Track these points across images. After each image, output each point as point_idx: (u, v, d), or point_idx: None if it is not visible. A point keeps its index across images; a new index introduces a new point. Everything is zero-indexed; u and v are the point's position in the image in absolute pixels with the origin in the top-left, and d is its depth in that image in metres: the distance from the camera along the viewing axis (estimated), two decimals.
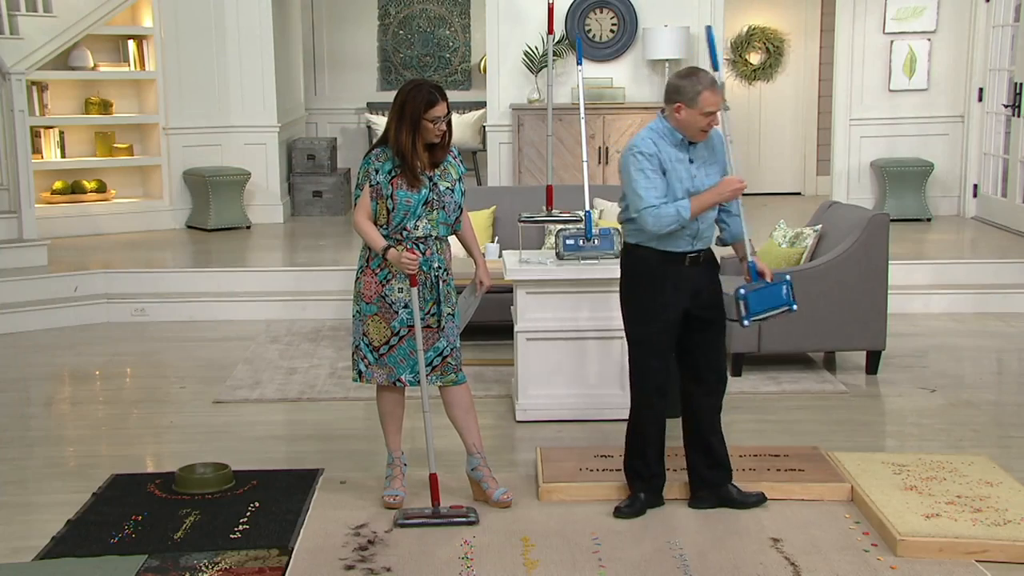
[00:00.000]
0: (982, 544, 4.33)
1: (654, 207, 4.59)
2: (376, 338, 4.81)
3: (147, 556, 4.41)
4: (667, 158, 4.66)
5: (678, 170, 4.66)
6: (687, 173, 4.68)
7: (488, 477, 4.95)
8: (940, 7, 10.73)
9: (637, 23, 10.62)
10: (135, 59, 10.50)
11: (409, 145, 4.62)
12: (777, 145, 12.95)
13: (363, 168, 4.73)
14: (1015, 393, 6.73)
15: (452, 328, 4.88)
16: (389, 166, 4.68)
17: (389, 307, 4.77)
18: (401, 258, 4.61)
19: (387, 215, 4.71)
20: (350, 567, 4.31)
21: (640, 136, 4.71)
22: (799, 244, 6.97)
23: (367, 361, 4.84)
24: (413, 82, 4.71)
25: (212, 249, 9.78)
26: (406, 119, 4.61)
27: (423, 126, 4.62)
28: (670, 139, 4.69)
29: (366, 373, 4.86)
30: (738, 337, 6.66)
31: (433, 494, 4.74)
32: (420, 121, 4.61)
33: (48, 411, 6.59)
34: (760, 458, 5.25)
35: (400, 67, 13.72)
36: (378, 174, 4.69)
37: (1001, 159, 10.41)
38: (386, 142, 4.73)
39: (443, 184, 4.75)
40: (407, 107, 4.61)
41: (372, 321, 4.80)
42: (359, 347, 4.85)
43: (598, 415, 5.91)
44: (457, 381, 4.91)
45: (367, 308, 4.80)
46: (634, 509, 4.79)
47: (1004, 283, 8.51)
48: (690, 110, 4.61)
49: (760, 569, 4.26)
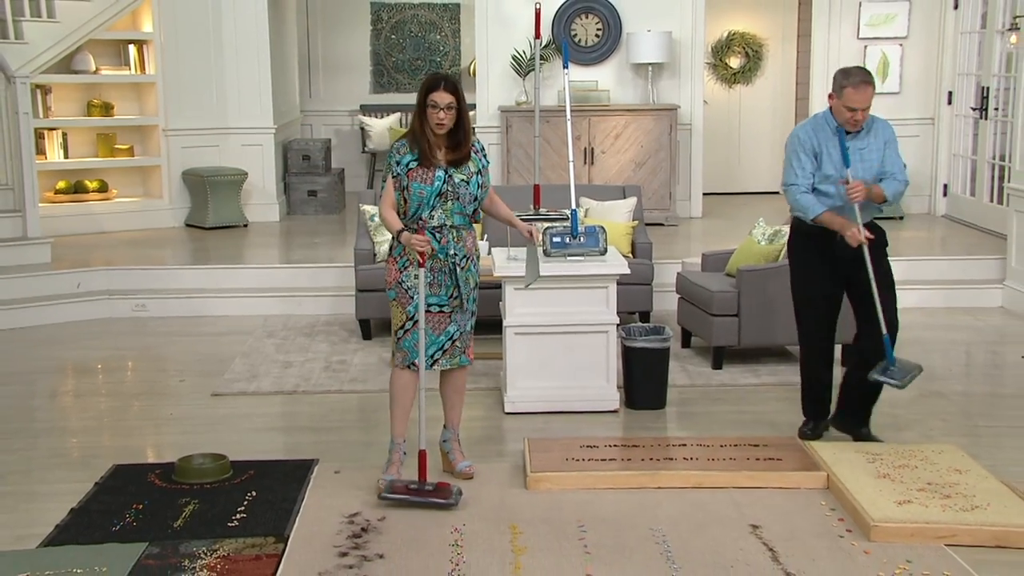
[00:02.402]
0: (951, 529, 4.45)
1: (795, 186, 5.36)
2: (395, 322, 5.03)
3: (147, 543, 4.46)
4: (821, 144, 5.32)
5: (832, 154, 5.29)
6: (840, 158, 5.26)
7: (456, 451, 5.20)
8: (911, 14, 10.92)
9: (621, 28, 10.76)
10: (136, 63, 10.60)
11: (418, 127, 4.86)
12: (756, 146, 13.07)
13: (387, 159, 4.97)
14: (983, 384, 6.87)
15: (467, 314, 5.09)
16: (409, 158, 4.90)
17: (405, 292, 4.97)
18: (412, 239, 4.82)
19: (404, 204, 4.93)
20: (344, 554, 4.37)
21: (803, 123, 5.44)
22: (777, 241, 7.04)
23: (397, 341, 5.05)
24: (431, 73, 4.99)
25: (210, 247, 9.86)
26: (417, 105, 4.89)
27: (427, 111, 4.83)
28: (826, 127, 5.33)
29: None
30: (718, 331, 6.81)
31: (421, 469, 4.88)
32: (425, 107, 4.83)
33: (52, 403, 6.64)
34: (740, 448, 5.35)
35: (392, 70, 13.83)
36: (398, 165, 4.92)
37: (969, 160, 10.58)
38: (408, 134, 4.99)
39: (458, 176, 4.92)
40: (419, 94, 4.89)
41: (393, 306, 5.04)
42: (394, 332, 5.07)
43: (584, 407, 6.00)
44: (461, 363, 5.13)
45: (389, 294, 5.05)
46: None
47: (973, 279, 8.68)
48: (838, 101, 5.25)
49: (740, 555, 4.35)
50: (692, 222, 10.74)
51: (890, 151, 5.36)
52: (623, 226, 7.75)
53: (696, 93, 10.88)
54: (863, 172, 5.30)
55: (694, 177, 10.97)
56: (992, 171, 10.15)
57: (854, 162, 5.31)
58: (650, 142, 10.40)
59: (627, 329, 6.21)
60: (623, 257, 6.03)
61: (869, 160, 5.33)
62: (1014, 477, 5.06)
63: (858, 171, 5.30)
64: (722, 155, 12.88)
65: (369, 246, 7.74)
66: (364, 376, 6.86)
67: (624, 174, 10.31)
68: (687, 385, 6.58)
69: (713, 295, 6.82)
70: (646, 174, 10.36)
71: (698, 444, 5.45)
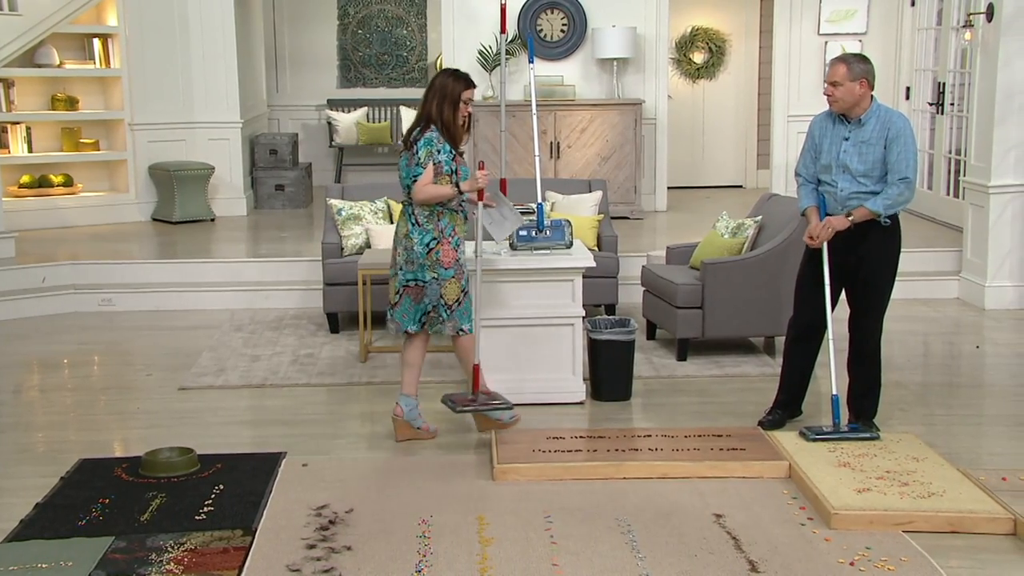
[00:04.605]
0: (908, 516, 4.53)
1: (799, 176, 5.56)
2: (450, 297, 5.41)
3: (114, 538, 4.44)
4: (820, 132, 5.43)
5: (829, 144, 5.36)
6: (837, 148, 5.34)
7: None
8: (870, 10, 11.07)
9: (586, 23, 10.82)
10: (100, 57, 10.55)
11: (452, 120, 5.32)
12: (720, 140, 13.17)
13: (425, 149, 5.31)
14: (940, 375, 6.99)
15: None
16: (448, 147, 5.33)
17: (461, 268, 5.44)
18: (476, 175, 5.34)
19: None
20: (312, 546, 4.38)
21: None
22: (740, 234, 7.12)
23: (442, 319, 5.43)
24: (451, 70, 5.44)
25: (177, 241, 9.83)
26: (448, 99, 5.31)
27: (460, 107, 5.31)
28: (829, 115, 5.43)
29: (441, 329, 5.47)
30: (682, 323, 6.88)
31: (475, 383, 5.45)
32: (458, 102, 5.30)
33: (17, 398, 6.59)
34: (704, 438, 5.41)
35: (359, 65, 13.83)
36: (440, 154, 5.32)
37: (927, 154, 10.68)
38: (428, 124, 5.33)
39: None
40: (448, 89, 5.32)
41: (449, 284, 5.41)
42: (436, 307, 5.42)
43: (550, 399, 6.04)
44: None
45: (445, 273, 5.41)
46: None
47: (930, 271, 8.80)
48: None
49: (704, 543, 4.40)
50: (657, 215, 10.82)
51: (897, 146, 5.23)
52: (589, 220, 7.80)
53: (660, 88, 10.95)
54: (859, 165, 5.29)
55: (659, 171, 11.04)
56: (948, 165, 10.29)
57: (852, 155, 5.31)
58: (615, 136, 10.46)
59: (593, 322, 6.25)
60: (589, 250, 6.06)
61: (867, 154, 5.29)
62: (969, 464, 5.16)
63: (854, 163, 5.29)
64: (686, 149, 12.98)
65: (336, 240, 7.76)
66: (332, 369, 6.88)
67: (590, 168, 10.37)
68: (652, 377, 6.64)
69: (677, 288, 6.89)
70: (611, 168, 10.42)
71: (663, 435, 5.49)
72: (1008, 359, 7.07)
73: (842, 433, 5.36)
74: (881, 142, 5.27)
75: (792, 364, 5.73)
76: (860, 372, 5.54)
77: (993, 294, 8.27)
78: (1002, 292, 8.28)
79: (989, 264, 8.26)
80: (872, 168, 5.29)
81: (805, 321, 5.61)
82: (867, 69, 5.28)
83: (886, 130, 5.27)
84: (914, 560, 4.26)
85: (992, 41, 8.17)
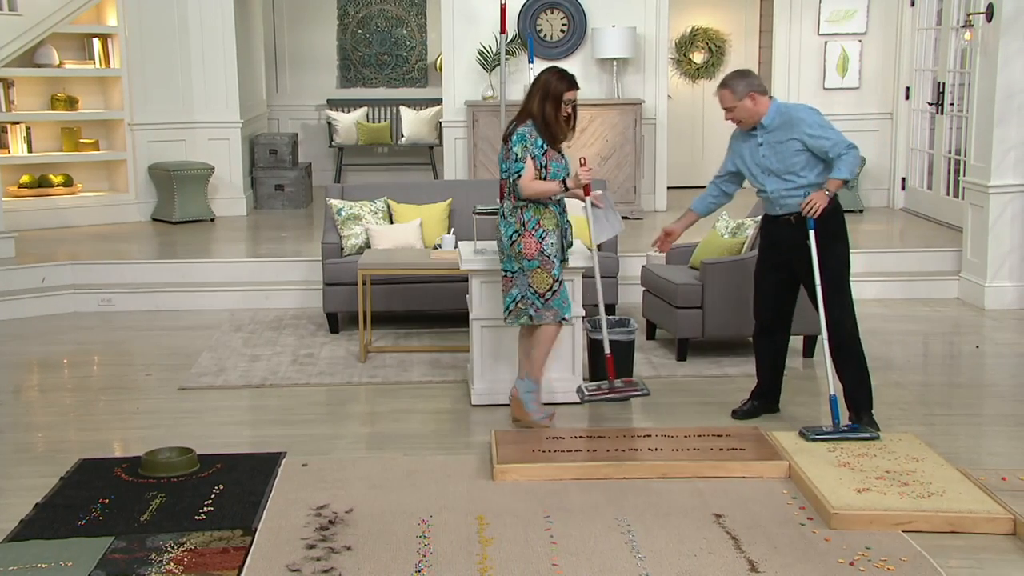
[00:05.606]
0: (908, 516, 4.53)
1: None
2: (541, 287, 5.51)
3: (114, 538, 4.44)
4: (739, 145, 5.68)
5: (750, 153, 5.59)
6: (756, 155, 5.56)
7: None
8: (870, 10, 11.06)
9: (586, 23, 10.81)
10: (100, 57, 10.55)
11: (553, 117, 5.47)
12: (720, 140, 12.91)
13: (520, 143, 5.48)
14: (939, 374, 7.00)
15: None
16: (541, 141, 5.48)
17: (548, 259, 5.54)
18: (578, 171, 5.53)
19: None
20: (311, 546, 4.39)
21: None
22: (740, 234, 7.12)
23: (536, 307, 5.56)
24: (557, 69, 5.58)
25: (177, 241, 9.83)
26: (550, 97, 5.46)
27: (562, 105, 5.46)
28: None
29: (536, 317, 5.58)
30: (682, 323, 6.87)
31: (610, 370, 5.66)
32: (560, 100, 5.45)
33: (17, 398, 6.60)
34: (704, 438, 5.41)
35: (359, 65, 13.83)
36: (535, 147, 5.48)
37: (927, 154, 10.73)
38: (525, 120, 5.50)
39: (566, 157, 5.63)
40: (551, 87, 5.47)
41: (536, 274, 5.55)
42: (524, 297, 5.57)
43: (549, 398, 6.00)
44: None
45: (529, 264, 5.54)
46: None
47: (930, 270, 8.81)
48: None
49: (704, 544, 4.40)
50: (657, 215, 10.81)
51: (817, 133, 5.39)
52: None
53: (660, 88, 10.95)
54: (778, 164, 5.47)
55: (659, 171, 11.04)
56: (948, 165, 10.29)
57: (769, 157, 5.50)
58: (615, 136, 10.46)
59: (593, 322, 6.25)
60: (589, 250, 6.05)
61: (783, 152, 5.47)
62: (969, 464, 5.16)
63: (773, 163, 5.48)
64: (686, 149, 12.98)
65: (336, 240, 7.76)
66: (332, 369, 6.88)
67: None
68: (652, 376, 6.63)
69: (677, 288, 6.89)
70: (611, 168, 10.43)
71: (662, 435, 5.49)
72: (1008, 359, 7.08)
73: (842, 433, 5.36)
74: (791, 139, 5.45)
75: (762, 357, 5.87)
76: (843, 366, 5.57)
77: (993, 294, 8.27)
78: (1002, 292, 8.28)
79: (989, 264, 8.27)
80: (792, 164, 5.46)
81: (765, 315, 5.78)
82: (750, 82, 5.58)
83: (792, 127, 5.45)
84: (914, 560, 4.26)
85: (992, 41, 8.17)
